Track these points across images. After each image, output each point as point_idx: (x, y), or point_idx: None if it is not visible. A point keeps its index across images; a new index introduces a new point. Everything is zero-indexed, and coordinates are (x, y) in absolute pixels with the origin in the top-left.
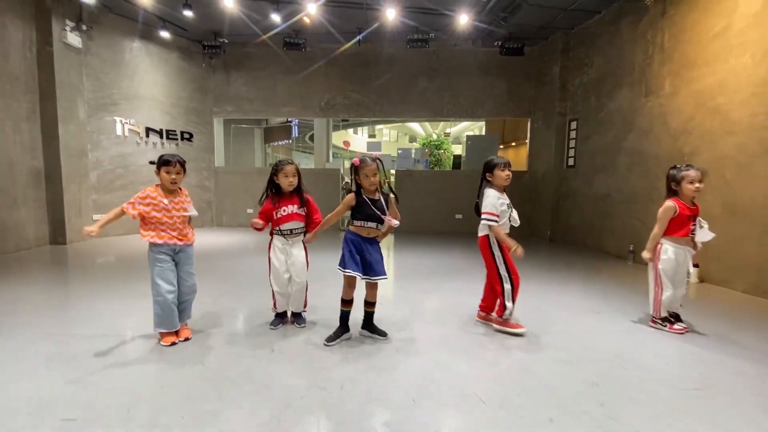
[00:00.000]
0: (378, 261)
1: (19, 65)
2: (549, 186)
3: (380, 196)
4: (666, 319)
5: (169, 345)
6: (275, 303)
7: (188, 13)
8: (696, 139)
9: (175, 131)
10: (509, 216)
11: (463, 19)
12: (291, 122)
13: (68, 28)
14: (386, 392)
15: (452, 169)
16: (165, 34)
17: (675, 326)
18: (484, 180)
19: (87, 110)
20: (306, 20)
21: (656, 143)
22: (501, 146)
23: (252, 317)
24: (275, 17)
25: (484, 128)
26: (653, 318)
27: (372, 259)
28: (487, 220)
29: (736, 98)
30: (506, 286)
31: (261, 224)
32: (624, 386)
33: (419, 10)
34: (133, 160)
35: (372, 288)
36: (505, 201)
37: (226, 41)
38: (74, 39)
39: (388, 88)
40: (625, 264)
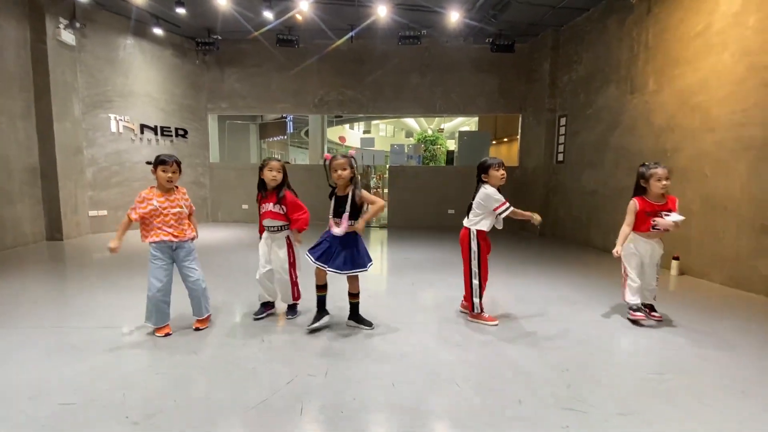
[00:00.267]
0: (349, 255)
1: (14, 63)
2: (539, 181)
3: (350, 192)
4: (634, 308)
5: (163, 336)
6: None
7: (181, 11)
8: (677, 136)
9: (170, 128)
10: (496, 217)
11: (454, 17)
12: (286, 118)
13: (62, 26)
14: (367, 378)
15: (445, 165)
16: (158, 31)
17: (637, 313)
18: (480, 181)
19: (82, 107)
20: (298, 17)
21: (640, 140)
22: (493, 142)
23: (244, 310)
24: (268, 14)
25: (477, 124)
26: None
27: (345, 254)
28: (507, 209)
29: (716, 96)
30: (474, 282)
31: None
32: (591, 371)
33: (410, 8)
34: (128, 157)
35: (351, 280)
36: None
37: (220, 38)
38: (68, 36)
39: (381, 85)
40: (611, 257)
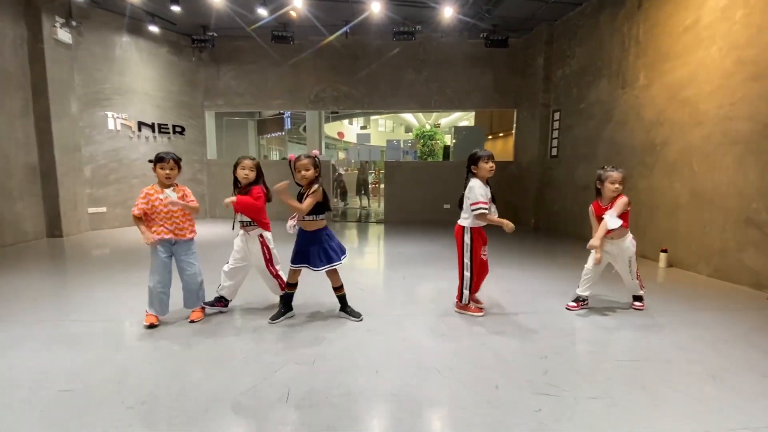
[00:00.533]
0: (322, 252)
1: (11, 62)
2: (533, 175)
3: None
4: (579, 299)
5: (148, 326)
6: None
7: (175, 8)
8: (667, 130)
9: (167, 125)
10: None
11: (447, 12)
12: (283, 114)
13: (58, 25)
14: (353, 366)
15: (442, 160)
16: (154, 29)
17: (571, 302)
18: (470, 172)
19: (79, 106)
20: (292, 14)
21: (631, 134)
22: (489, 137)
23: (238, 303)
24: (262, 11)
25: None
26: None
27: (318, 251)
28: (480, 210)
29: (705, 90)
30: (466, 274)
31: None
32: (569, 359)
33: (404, 3)
34: (126, 154)
35: (330, 275)
36: (488, 193)
37: (215, 35)
38: (64, 35)
39: (377, 81)
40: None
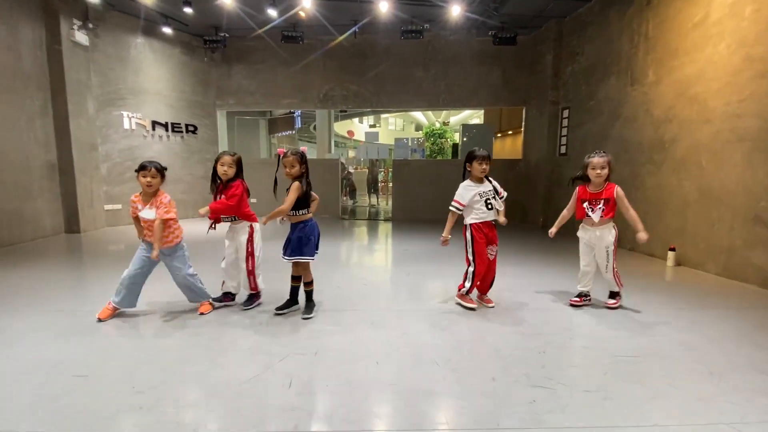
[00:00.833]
0: (296, 244)
1: (31, 64)
2: (542, 173)
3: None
4: (581, 294)
5: (104, 319)
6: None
7: (188, 10)
8: (675, 127)
9: (180, 124)
10: (485, 203)
11: (455, 10)
12: (294, 113)
13: (75, 27)
14: (354, 357)
15: (451, 158)
16: (167, 30)
17: (575, 298)
18: (465, 169)
19: (96, 105)
20: (302, 14)
21: (640, 131)
22: (498, 135)
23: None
24: (272, 12)
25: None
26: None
27: (293, 243)
28: (451, 207)
29: (713, 87)
30: (470, 269)
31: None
32: (568, 354)
33: (412, 2)
34: (141, 153)
35: (300, 268)
36: (482, 190)
37: (227, 35)
38: (81, 37)
39: (385, 79)
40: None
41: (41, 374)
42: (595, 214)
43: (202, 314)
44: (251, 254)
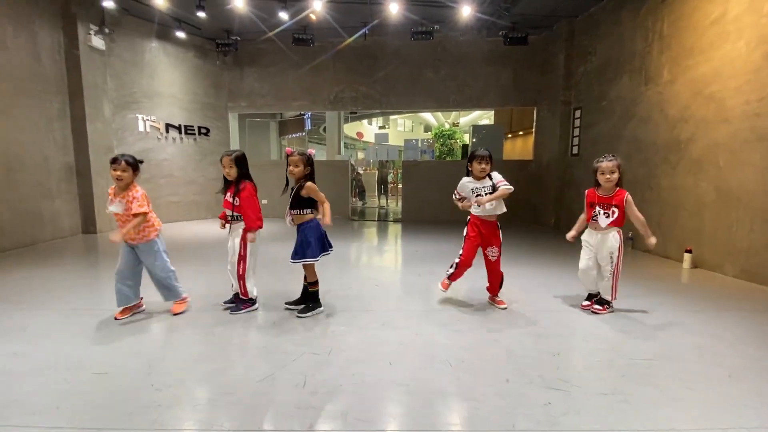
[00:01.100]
0: (300, 246)
1: (50, 68)
2: (553, 174)
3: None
4: (590, 296)
5: (121, 319)
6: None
7: (201, 14)
8: (692, 127)
9: (193, 126)
10: (474, 197)
11: (466, 11)
12: (304, 115)
13: (92, 32)
14: (367, 357)
15: (461, 159)
16: (181, 34)
17: (585, 301)
18: (467, 169)
19: (112, 108)
20: (312, 17)
21: (654, 131)
22: (509, 135)
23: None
24: (283, 15)
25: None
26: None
27: (297, 245)
28: (454, 195)
29: (731, 85)
30: (456, 260)
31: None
32: (582, 356)
33: (422, 3)
34: (155, 155)
35: (305, 268)
36: (475, 186)
37: (239, 38)
38: (98, 42)
39: (395, 80)
40: (624, 250)
41: (62, 371)
42: (602, 220)
43: (176, 314)
44: (243, 258)
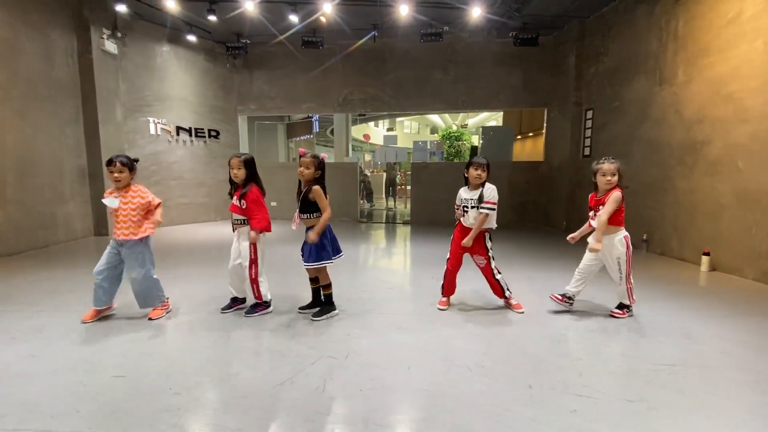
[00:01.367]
0: (313, 249)
1: (64, 72)
2: (564, 176)
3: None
4: (566, 295)
5: (89, 321)
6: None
7: (212, 18)
8: (708, 128)
9: (203, 129)
10: (463, 209)
11: (476, 12)
12: (312, 118)
13: (105, 36)
14: (385, 361)
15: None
16: (191, 38)
17: (555, 294)
18: (464, 176)
19: (123, 112)
20: (322, 19)
21: (670, 132)
22: (518, 137)
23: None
24: (293, 18)
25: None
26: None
27: (310, 247)
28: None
29: (750, 85)
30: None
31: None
32: (605, 361)
33: (432, 5)
34: (165, 158)
35: (317, 271)
36: (465, 196)
37: (248, 42)
38: (111, 46)
39: (404, 82)
40: (639, 253)
41: (80, 374)
42: (594, 221)
43: (151, 319)
44: (254, 262)
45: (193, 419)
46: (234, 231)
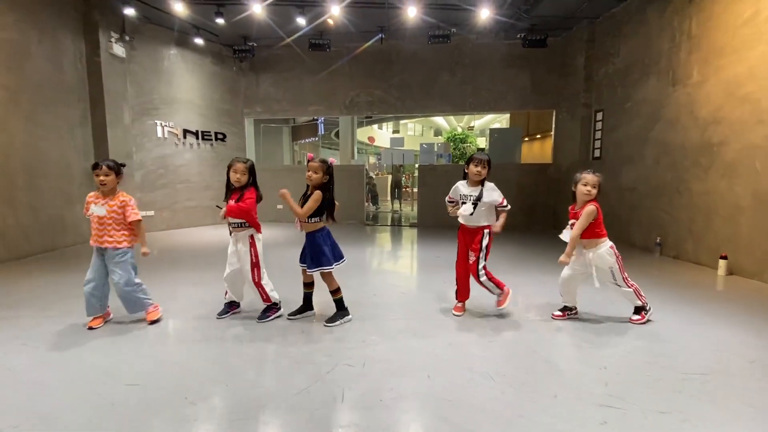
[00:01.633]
0: (315, 255)
1: (72, 75)
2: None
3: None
4: (565, 308)
5: (93, 328)
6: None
7: (220, 21)
8: (725, 129)
9: (210, 132)
10: (461, 204)
11: (484, 14)
12: (317, 120)
13: (113, 40)
14: (403, 369)
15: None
16: (199, 41)
17: (555, 312)
18: (464, 171)
19: (131, 115)
20: (330, 22)
21: (683, 133)
22: (526, 138)
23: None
24: (300, 20)
25: (509, 120)
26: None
27: (311, 253)
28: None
29: (767, 86)
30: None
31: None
32: (631, 370)
33: (439, 7)
34: (172, 161)
35: (323, 277)
36: (464, 192)
37: (255, 44)
38: (119, 49)
39: (411, 84)
40: (652, 256)
41: (95, 382)
42: (565, 234)
43: (152, 323)
44: (256, 265)
45: (212, 429)
46: (231, 235)
